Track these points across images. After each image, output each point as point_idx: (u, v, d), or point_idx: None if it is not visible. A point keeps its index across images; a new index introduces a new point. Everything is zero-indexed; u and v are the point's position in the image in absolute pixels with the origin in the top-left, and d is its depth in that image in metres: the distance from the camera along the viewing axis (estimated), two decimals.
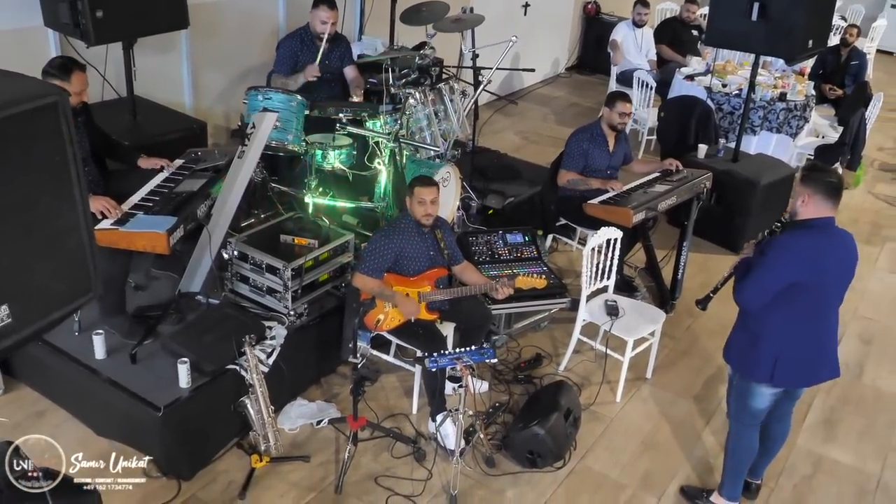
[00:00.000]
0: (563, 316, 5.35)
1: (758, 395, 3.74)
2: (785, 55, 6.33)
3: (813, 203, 3.50)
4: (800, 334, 3.59)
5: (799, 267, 3.47)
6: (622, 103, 5.62)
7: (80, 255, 2.27)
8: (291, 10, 6.76)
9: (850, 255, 3.61)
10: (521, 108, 9.60)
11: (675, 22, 9.73)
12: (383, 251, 4.29)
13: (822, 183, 3.49)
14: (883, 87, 9.93)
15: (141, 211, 4.05)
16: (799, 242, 3.51)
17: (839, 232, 3.59)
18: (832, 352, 3.74)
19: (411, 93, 5.61)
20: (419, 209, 4.31)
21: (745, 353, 3.73)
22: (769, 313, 3.59)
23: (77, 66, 4.14)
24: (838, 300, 3.66)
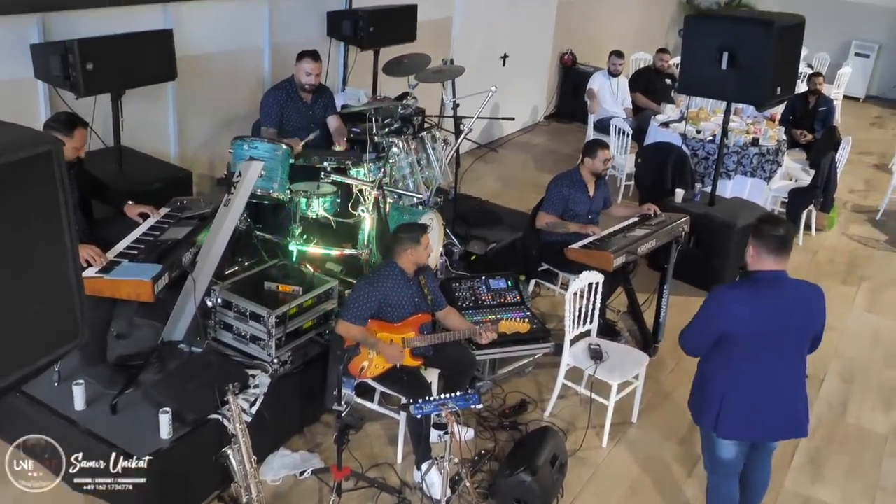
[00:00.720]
0: (548, 361, 5.36)
1: (720, 446, 3.73)
2: (755, 101, 6.48)
3: (757, 256, 3.52)
4: (742, 386, 3.58)
5: (728, 319, 3.51)
6: (603, 150, 5.71)
7: (68, 300, 2.27)
8: (276, 61, 6.85)
9: (802, 307, 3.57)
10: (502, 155, 9.71)
11: (649, 71, 9.93)
12: (367, 298, 4.30)
13: (766, 237, 3.49)
14: (851, 132, 10.16)
15: (126, 259, 4.05)
16: (732, 295, 3.57)
17: (791, 285, 3.57)
18: (791, 408, 3.66)
19: (394, 141, 5.69)
20: (425, 254, 4.41)
21: (697, 398, 3.77)
22: (712, 361, 3.65)
23: (81, 122, 4.24)
24: (794, 354, 3.62)
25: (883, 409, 5.44)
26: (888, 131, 12.34)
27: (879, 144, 11.65)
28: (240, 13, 6.54)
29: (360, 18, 6.87)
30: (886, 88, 14.43)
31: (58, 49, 4.92)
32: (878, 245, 8.20)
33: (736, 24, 6.24)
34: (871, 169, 10.59)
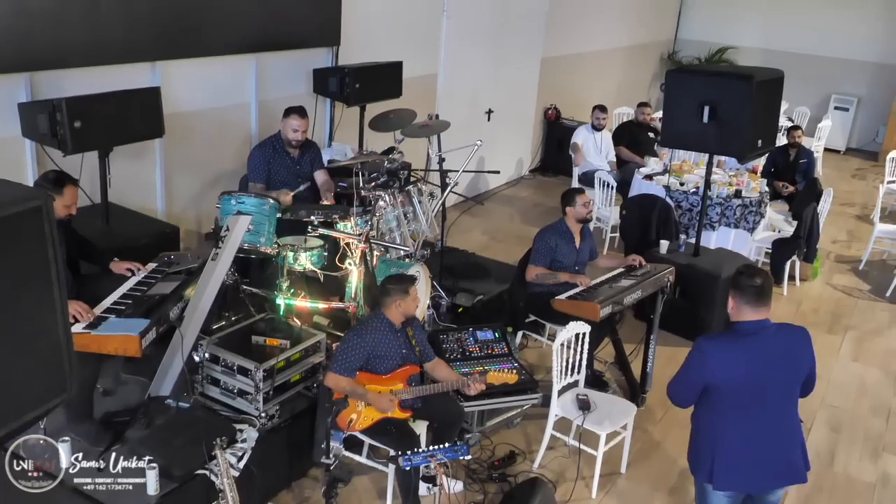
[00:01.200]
0: (536, 412, 5.36)
1: (712, 497, 3.71)
2: (736, 154, 6.59)
3: (737, 307, 3.55)
4: (733, 435, 3.58)
5: (709, 369, 3.54)
6: (580, 196, 5.81)
7: (57, 354, 2.28)
8: (263, 118, 6.94)
9: (791, 353, 3.59)
10: (488, 208, 9.81)
11: (632, 125, 10.12)
12: (356, 349, 4.32)
13: (744, 288, 3.52)
14: (833, 184, 10.34)
15: (113, 314, 4.06)
16: (710, 346, 3.58)
17: (774, 332, 3.58)
18: (787, 454, 3.65)
19: (381, 195, 5.75)
20: (413, 304, 4.46)
21: (692, 450, 3.77)
22: (702, 414, 3.66)
23: (70, 180, 4.28)
24: (784, 401, 3.63)
25: (870, 457, 5.45)
26: (869, 183, 12.52)
27: (861, 196, 11.83)
28: (227, 71, 6.64)
29: (346, 75, 6.97)
30: (866, 141, 14.67)
31: (45, 107, 4.96)
32: (861, 294, 8.28)
33: (716, 78, 6.41)
34: (853, 220, 10.74)
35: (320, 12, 7.11)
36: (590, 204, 5.86)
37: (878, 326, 7.56)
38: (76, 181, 4.36)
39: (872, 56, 14.26)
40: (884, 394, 6.32)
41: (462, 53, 9.36)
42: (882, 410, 6.06)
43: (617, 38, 13.19)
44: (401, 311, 4.41)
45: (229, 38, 6.44)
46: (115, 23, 5.58)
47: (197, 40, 6.20)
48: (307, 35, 7.12)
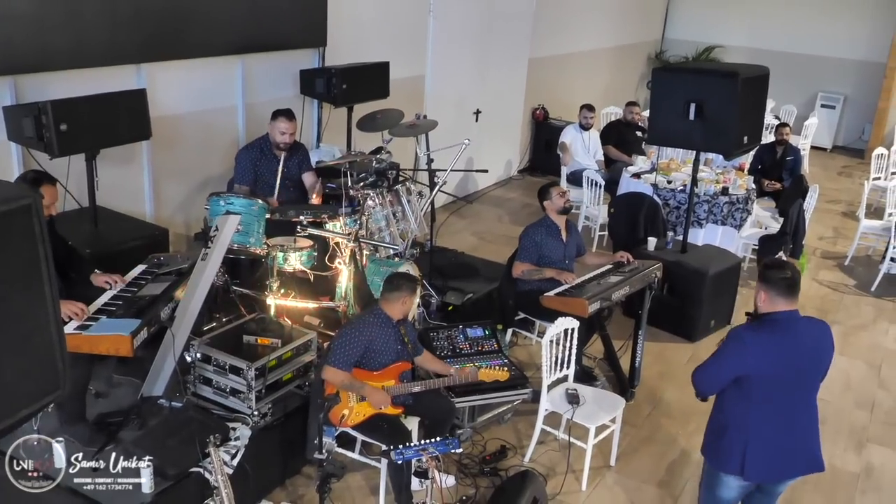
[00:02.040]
0: (526, 408, 5.40)
1: (725, 486, 3.76)
2: (722, 151, 6.66)
3: (769, 300, 3.58)
4: (766, 427, 3.62)
5: (747, 360, 3.55)
6: (555, 188, 5.91)
7: (49, 352, 2.31)
8: (250, 121, 6.96)
9: (817, 345, 3.65)
10: (476, 209, 9.86)
11: (620, 124, 10.18)
12: (353, 343, 4.36)
13: (775, 280, 3.57)
14: (819, 181, 10.43)
15: (104, 315, 4.08)
16: (750, 337, 3.59)
17: (803, 324, 3.63)
18: (810, 443, 3.73)
19: (370, 194, 5.78)
20: (413, 305, 4.57)
21: (714, 444, 3.77)
22: (732, 405, 3.66)
23: (47, 179, 4.26)
24: (809, 391, 3.69)
25: (855, 449, 5.52)
26: (855, 180, 12.62)
27: (847, 193, 11.94)
28: (213, 73, 6.65)
29: (333, 76, 6.99)
30: (852, 139, 14.78)
31: (31, 111, 4.95)
32: (847, 290, 8.36)
33: (702, 76, 6.48)
34: (839, 217, 10.83)
35: (306, 13, 7.13)
36: (566, 194, 5.91)
37: (863, 321, 7.65)
38: (55, 180, 4.35)
39: (859, 54, 14.36)
40: (868, 387, 6.39)
41: (449, 54, 9.41)
42: (866, 403, 6.13)
43: (604, 38, 13.27)
44: (404, 308, 4.48)
45: (214, 39, 6.45)
46: (98, 25, 5.58)
47: (181, 42, 6.20)
48: (293, 36, 7.14)
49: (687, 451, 5.30)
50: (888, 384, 6.44)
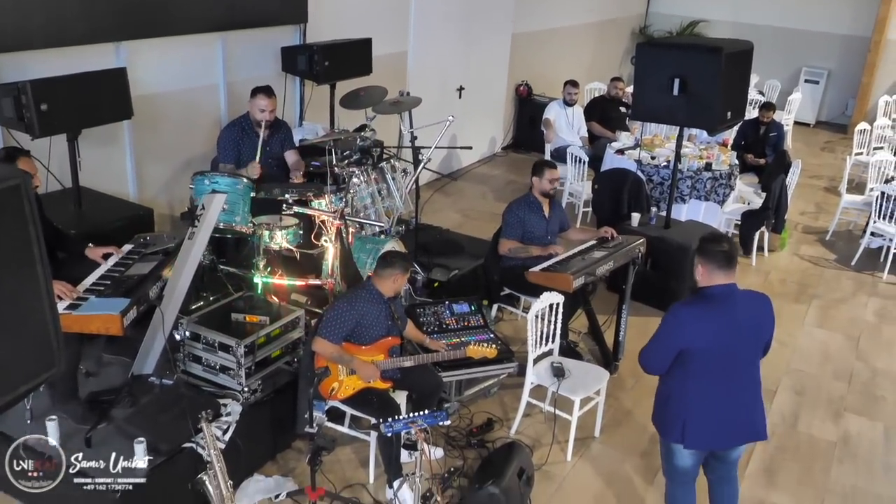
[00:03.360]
0: (512, 381, 5.49)
1: (678, 455, 3.87)
2: (706, 126, 6.72)
3: (707, 273, 3.66)
4: (704, 397, 3.71)
5: (686, 335, 3.64)
6: (550, 170, 5.91)
7: (44, 331, 2.36)
8: (232, 99, 6.95)
9: (754, 318, 3.73)
10: (460, 186, 9.90)
11: (604, 100, 10.23)
12: (345, 316, 4.41)
13: (713, 253, 3.64)
14: (802, 156, 10.52)
15: (93, 295, 4.11)
16: (687, 311, 3.69)
17: (742, 297, 3.72)
18: (751, 414, 3.82)
19: (354, 172, 5.80)
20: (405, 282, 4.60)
21: (661, 414, 3.89)
22: (673, 377, 3.76)
23: (20, 153, 4.28)
24: (749, 363, 3.78)
25: (832, 419, 5.64)
26: (837, 156, 12.73)
27: (829, 168, 12.05)
28: (193, 51, 6.61)
29: (315, 53, 6.98)
30: (836, 114, 14.87)
31: (10, 91, 4.92)
32: (827, 264, 8.48)
33: (685, 51, 6.50)
34: (821, 192, 10.94)
35: None
36: (556, 182, 5.95)
37: (843, 295, 7.77)
38: (27, 152, 4.36)
39: (843, 29, 14.40)
40: (846, 358, 6.52)
41: (432, 30, 9.39)
42: (844, 374, 6.26)
43: (588, 12, 13.24)
44: (396, 286, 4.53)
45: (193, 16, 6.38)
46: (77, 2, 5.53)
47: (160, 19, 6.14)
48: (273, 12, 7.08)
49: None
50: (866, 356, 6.57)
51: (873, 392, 6.03)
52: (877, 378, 6.23)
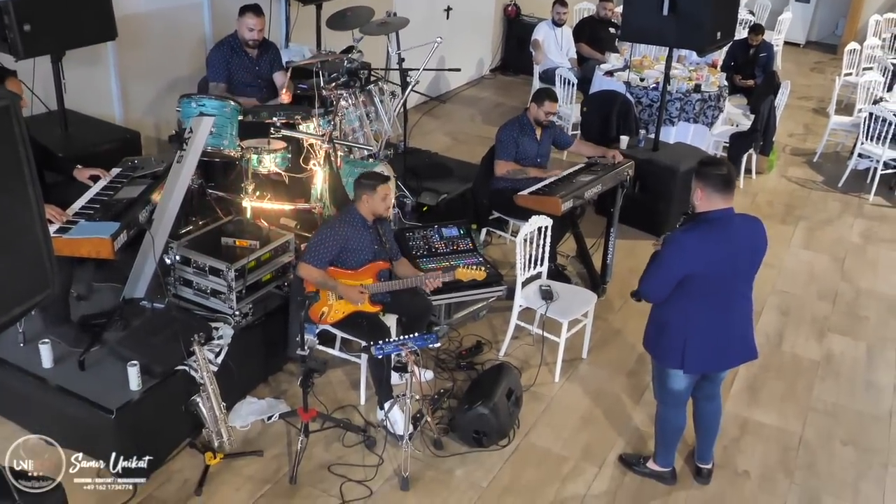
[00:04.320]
0: (501, 305, 5.55)
1: (674, 378, 3.94)
2: (696, 47, 6.66)
3: (706, 197, 3.65)
4: (704, 322, 3.76)
5: (690, 260, 3.65)
6: (550, 103, 5.84)
7: (36, 252, 2.36)
8: (217, 19, 6.82)
9: (750, 241, 3.76)
10: (449, 109, 9.81)
11: (593, 20, 10.06)
12: (329, 242, 4.42)
13: (712, 177, 3.62)
14: (791, 77, 10.46)
15: (82, 219, 4.10)
16: (689, 237, 3.69)
17: (738, 221, 3.72)
18: (743, 335, 3.90)
19: (342, 95, 5.74)
20: (382, 205, 4.50)
21: (656, 341, 3.93)
22: (672, 303, 3.78)
23: (7, 73, 4.24)
24: (745, 285, 3.82)
25: (816, 338, 5.75)
26: (827, 76, 12.65)
27: (818, 90, 11.98)
28: None
29: None
30: (826, 34, 14.70)
31: None
32: (814, 186, 8.51)
33: None
34: (809, 113, 10.91)
35: None
36: (551, 115, 5.89)
37: (829, 216, 7.83)
38: (14, 72, 4.30)
39: None
40: (831, 279, 6.60)
41: None
42: (829, 294, 6.35)
43: None
44: (368, 208, 4.49)
45: None
46: None
47: None
48: None
49: None
50: (851, 276, 6.66)
51: (857, 312, 6.13)
52: (860, 298, 6.33)
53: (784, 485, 4.38)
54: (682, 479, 4.34)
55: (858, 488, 4.39)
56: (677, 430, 4.20)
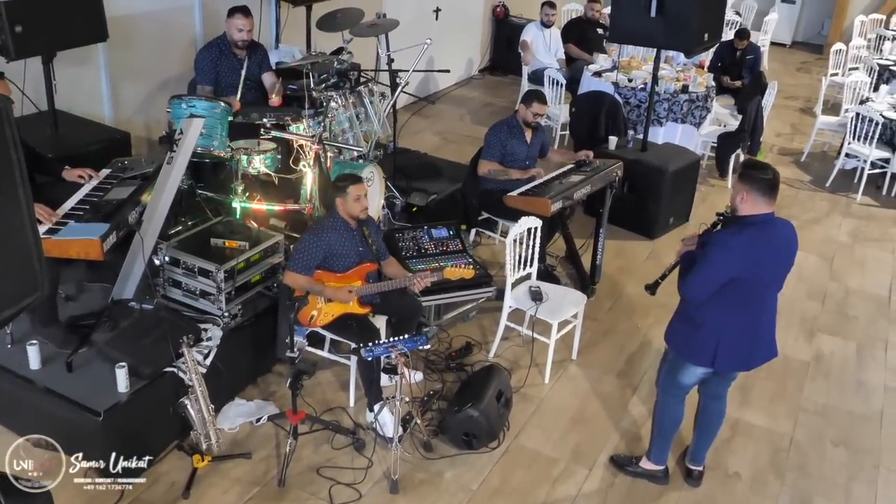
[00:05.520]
0: (490, 305, 5.55)
1: (689, 373, 3.96)
2: (683, 48, 6.69)
3: (751, 200, 3.63)
4: (738, 323, 3.78)
5: (737, 264, 3.64)
6: (538, 104, 5.83)
7: (26, 254, 2.34)
8: (208, 20, 6.80)
9: (788, 245, 3.77)
10: (438, 109, 9.81)
11: (581, 21, 10.07)
12: (312, 248, 4.41)
13: (758, 181, 3.61)
14: (778, 77, 10.52)
15: (72, 220, 4.08)
16: (737, 241, 3.65)
17: (779, 225, 3.74)
18: (769, 335, 3.94)
19: (332, 96, 5.74)
20: (356, 206, 4.45)
21: (687, 339, 3.91)
22: (710, 304, 3.76)
23: None
24: (777, 287, 3.86)
25: (806, 338, 5.78)
26: (813, 76, 12.72)
27: (805, 89, 12.04)
28: None
29: None
30: (812, 34, 14.79)
31: None
32: (802, 186, 8.56)
33: None
34: (796, 113, 10.96)
35: None
36: (539, 116, 5.88)
37: (818, 216, 7.86)
38: (2, 74, 4.28)
39: None
40: (820, 279, 6.63)
41: None
42: (818, 294, 6.38)
43: None
44: (344, 210, 4.47)
45: None
46: None
47: None
48: None
49: (646, 343, 5.51)
50: (839, 276, 6.69)
51: (846, 312, 6.16)
52: (850, 298, 6.37)
53: (775, 486, 4.39)
54: (673, 480, 4.36)
55: (850, 489, 4.41)
56: (675, 421, 4.21)
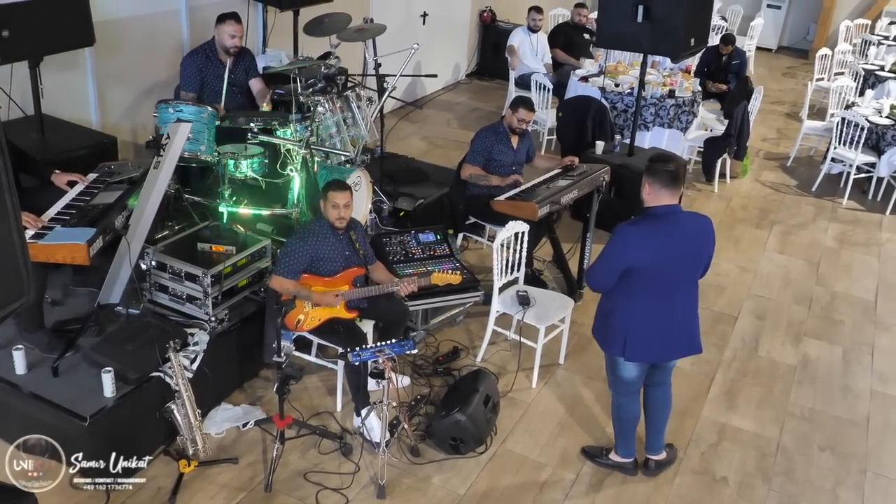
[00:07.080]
0: (478, 310, 5.56)
1: (622, 367, 4.04)
2: (669, 53, 6.69)
3: (654, 192, 3.76)
4: (645, 313, 3.86)
5: (632, 253, 3.75)
6: (525, 111, 5.85)
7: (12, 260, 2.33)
8: (195, 25, 6.79)
9: (696, 238, 3.86)
10: (425, 114, 9.82)
11: (568, 26, 10.12)
12: (298, 253, 4.41)
13: (660, 173, 3.73)
14: (764, 82, 10.58)
15: (58, 224, 4.06)
16: (633, 231, 3.79)
17: (685, 218, 3.83)
18: (689, 330, 4.00)
19: (319, 101, 5.73)
20: (332, 213, 4.45)
21: (602, 329, 4.05)
22: (616, 294, 3.89)
23: None
24: (688, 281, 3.93)
25: (792, 342, 5.81)
26: (799, 81, 12.80)
27: (791, 94, 12.12)
28: None
29: None
30: (798, 39, 14.88)
31: None
32: (788, 190, 8.60)
33: None
34: (782, 118, 11.03)
35: None
36: (524, 123, 5.89)
37: (804, 220, 7.91)
38: None
39: None
40: (806, 283, 6.67)
41: None
42: (804, 299, 6.42)
43: None
44: (333, 214, 4.45)
45: None
46: None
47: None
48: None
49: None
50: (826, 280, 6.73)
51: (832, 316, 6.20)
52: (836, 302, 6.40)
53: (762, 491, 4.41)
54: (660, 486, 4.37)
55: (837, 494, 4.43)
56: (633, 418, 4.29)
